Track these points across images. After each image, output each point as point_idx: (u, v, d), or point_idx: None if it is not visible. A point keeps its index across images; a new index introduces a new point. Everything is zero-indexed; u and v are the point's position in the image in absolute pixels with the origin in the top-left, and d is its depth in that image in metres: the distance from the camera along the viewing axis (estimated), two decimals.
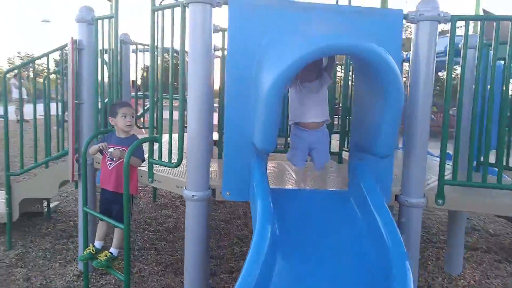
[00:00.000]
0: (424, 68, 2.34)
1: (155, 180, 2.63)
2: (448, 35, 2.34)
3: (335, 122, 4.46)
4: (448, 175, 2.59)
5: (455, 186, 2.48)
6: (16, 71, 5.02)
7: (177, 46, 2.34)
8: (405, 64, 4.49)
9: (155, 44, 2.49)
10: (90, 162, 3.03)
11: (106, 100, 3.07)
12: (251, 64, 2.16)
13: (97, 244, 2.77)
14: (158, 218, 4.71)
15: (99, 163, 2.94)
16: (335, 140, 3.56)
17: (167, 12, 2.38)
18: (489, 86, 2.56)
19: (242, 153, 2.26)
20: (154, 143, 2.54)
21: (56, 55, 3.64)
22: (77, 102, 3.06)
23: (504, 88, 2.46)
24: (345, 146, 3.45)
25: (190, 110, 2.24)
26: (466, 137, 2.62)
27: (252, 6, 2.20)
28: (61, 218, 4.43)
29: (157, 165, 2.60)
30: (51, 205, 4.47)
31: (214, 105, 2.85)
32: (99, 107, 3.05)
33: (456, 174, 2.45)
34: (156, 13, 2.44)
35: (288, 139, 2.82)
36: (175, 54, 2.62)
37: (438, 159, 3.66)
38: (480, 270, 3.64)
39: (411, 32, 2.55)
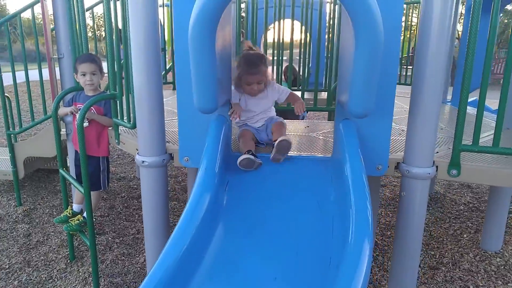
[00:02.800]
0: None
1: (120, 142, 2.39)
2: None
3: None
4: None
5: (475, 153, 1.89)
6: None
7: None
8: None
9: None
10: (70, 121, 2.86)
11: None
12: None
13: (75, 207, 2.67)
14: (178, 177, 4.56)
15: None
16: None
17: None
18: None
19: (197, 115, 1.88)
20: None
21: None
22: (55, 57, 2.86)
23: None
24: None
25: (134, 59, 1.88)
26: None
27: None
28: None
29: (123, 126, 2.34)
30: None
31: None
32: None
33: (499, 136, 1.84)
34: None
35: None
36: None
37: (494, 115, 2.97)
38: None
39: None
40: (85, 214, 2.56)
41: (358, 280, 1.20)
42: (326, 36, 3.51)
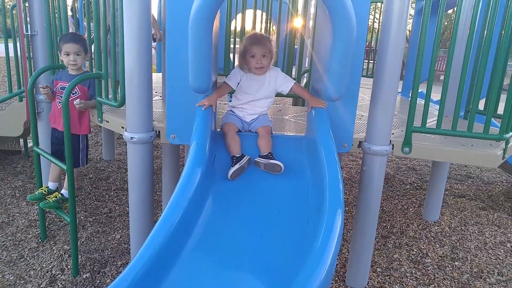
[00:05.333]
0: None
1: (104, 120, 2.47)
2: None
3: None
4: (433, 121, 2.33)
5: (424, 134, 2.24)
6: None
7: None
8: None
9: None
10: (46, 99, 2.85)
11: None
12: None
13: (51, 185, 2.70)
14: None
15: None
16: None
17: None
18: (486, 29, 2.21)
19: (185, 94, 2.04)
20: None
21: None
22: (28, 33, 2.82)
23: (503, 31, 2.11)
24: None
25: (127, 41, 1.99)
26: (455, 83, 2.28)
27: None
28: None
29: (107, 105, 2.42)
30: (30, 145, 4.42)
31: None
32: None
33: (441, 121, 2.19)
34: None
35: None
36: None
37: (436, 105, 3.39)
38: (460, 217, 3.51)
39: None
40: (62, 191, 2.62)
41: (332, 242, 1.40)
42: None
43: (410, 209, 3.64)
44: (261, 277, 1.51)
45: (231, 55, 3.48)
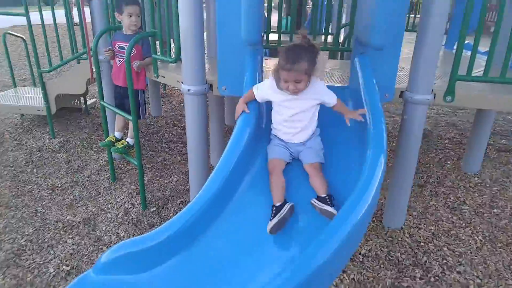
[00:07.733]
0: None
1: (160, 75, 2.72)
2: None
3: None
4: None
5: (469, 82, 2.29)
6: None
7: None
8: None
9: None
10: (105, 59, 3.13)
11: None
12: None
13: (117, 134, 3.04)
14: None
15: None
16: None
17: None
18: None
19: (235, 49, 2.20)
20: None
21: None
22: None
23: None
24: None
25: (181, 2, 2.17)
26: (507, 31, 2.27)
27: None
28: (98, 113, 4.77)
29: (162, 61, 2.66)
30: (89, 102, 4.84)
31: None
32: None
33: (489, 70, 2.23)
34: None
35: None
36: None
37: (483, 56, 3.35)
38: (502, 170, 3.53)
39: None
40: (127, 139, 2.96)
41: (375, 180, 1.53)
42: None
43: (448, 162, 3.70)
44: (307, 214, 1.71)
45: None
